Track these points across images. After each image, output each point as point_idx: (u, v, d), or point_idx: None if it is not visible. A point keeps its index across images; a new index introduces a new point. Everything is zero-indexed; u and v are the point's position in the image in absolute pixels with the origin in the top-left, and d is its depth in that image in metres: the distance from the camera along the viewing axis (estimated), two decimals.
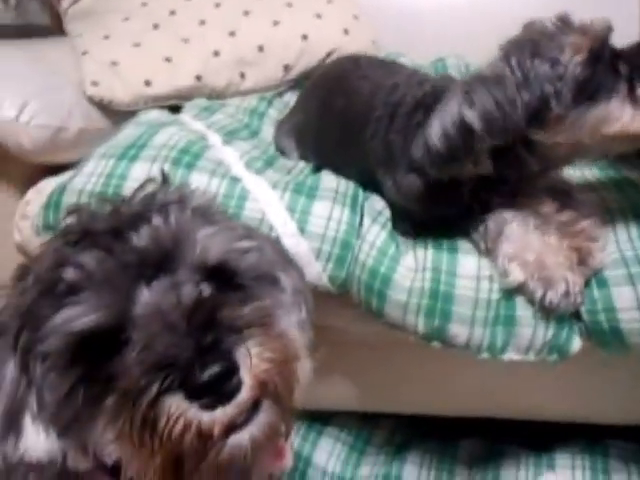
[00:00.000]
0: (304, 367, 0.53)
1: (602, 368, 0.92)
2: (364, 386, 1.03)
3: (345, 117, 0.99)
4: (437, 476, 1.04)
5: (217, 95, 1.27)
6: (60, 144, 1.08)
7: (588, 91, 0.73)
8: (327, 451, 1.08)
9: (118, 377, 0.47)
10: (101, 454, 0.50)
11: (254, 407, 0.47)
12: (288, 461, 0.68)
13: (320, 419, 1.12)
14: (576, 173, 0.97)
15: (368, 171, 0.93)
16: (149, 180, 0.59)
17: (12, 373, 0.50)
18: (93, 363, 0.48)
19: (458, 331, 0.81)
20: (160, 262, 0.50)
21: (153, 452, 0.45)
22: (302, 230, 0.86)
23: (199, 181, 0.89)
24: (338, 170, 0.98)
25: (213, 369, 0.44)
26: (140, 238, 0.50)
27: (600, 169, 0.97)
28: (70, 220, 0.54)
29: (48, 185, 1.01)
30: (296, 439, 1.08)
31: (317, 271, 0.85)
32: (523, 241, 0.80)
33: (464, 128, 0.74)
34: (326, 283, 0.85)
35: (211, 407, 0.44)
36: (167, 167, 0.90)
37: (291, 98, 1.32)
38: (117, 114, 1.18)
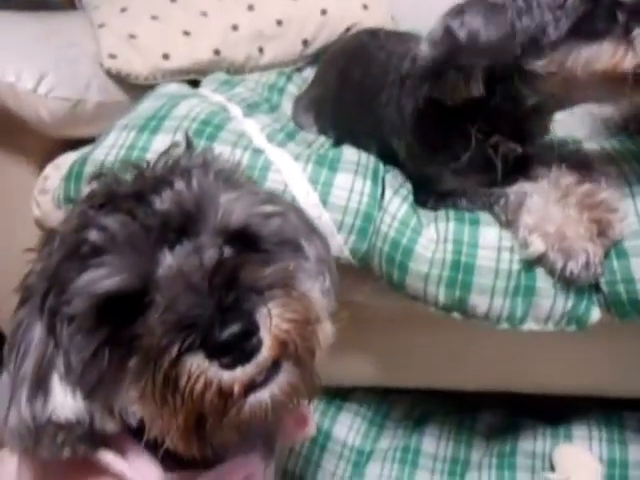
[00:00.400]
0: (325, 330, 0.54)
1: (620, 341, 0.93)
2: (383, 362, 1.05)
3: (362, 86, 1.00)
4: (455, 448, 1.07)
5: (235, 70, 1.27)
6: (79, 117, 1.09)
7: (585, 27, 0.73)
8: (347, 425, 1.11)
9: (141, 338, 0.48)
10: (126, 415, 0.52)
11: (274, 367, 0.48)
12: (312, 429, 0.69)
13: (339, 395, 1.14)
14: (595, 146, 0.98)
15: (385, 141, 0.94)
16: (173, 145, 0.59)
17: (39, 335, 0.52)
18: (118, 325, 0.49)
19: (478, 302, 0.82)
20: (183, 226, 0.51)
21: (175, 410, 0.47)
22: (324, 202, 0.88)
23: (222, 152, 0.90)
24: (357, 143, 0.99)
25: (233, 328, 0.45)
26: (163, 202, 0.51)
27: (619, 142, 0.98)
28: (94, 185, 0.56)
29: (67, 160, 1.02)
30: (316, 414, 1.10)
31: (339, 243, 0.86)
32: (544, 213, 0.81)
33: (450, 38, 0.75)
34: (348, 256, 0.87)
35: (231, 366, 0.46)
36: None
37: (310, 74, 1.32)
38: (135, 88, 1.18)
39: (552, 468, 0.97)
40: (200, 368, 0.45)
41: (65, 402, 0.51)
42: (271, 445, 0.65)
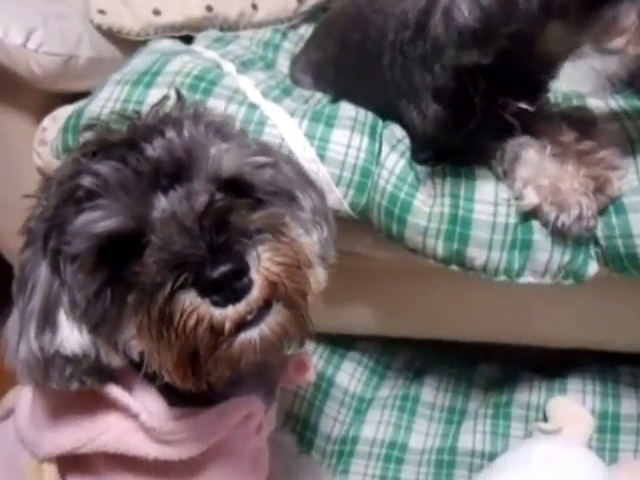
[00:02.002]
0: (317, 276, 0.56)
1: (616, 295, 0.95)
2: (384, 311, 1.07)
3: (362, 50, 1.00)
4: (453, 398, 1.10)
5: (229, 26, 1.25)
6: (72, 72, 1.09)
7: None
8: (349, 373, 1.14)
9: (139, 276, 0.51)
10: (129, 351, 0.55)
11: (265, 308, 0.50)
12: (311, 375, 0.71)
13: (342, 344, 1.17)
14: (599, 102, 0.98)
15: (389, 104, 0.93)
16: (165, 98, 0.61)
17: (45, 274, 0.54)
18: (118, 265, 0.52)
19: (476, 254, 0.84)
20: (174, 173, 0.53)
21: (170, 344, 0.49)
22: (321, 157, 0.88)
23: (216, 107, 0.90)
24: (358, 106, 0.98)
25: (224, 268, 0.47)
26: (154, 149, 0.53)
27: (623, 98, 0.98)
28: (88, 135, 0.58)
29: (64, 112, 1.03)
30: (319, 362, 1.13)
31: (338, 197, 0.87)
32: (539, 166, 0.82)
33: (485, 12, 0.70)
34: (347, 209, 0.88)
35: (223, 304, 0.48)
36: (183, 94, 0.91)
37: (306, 30, 1.31)
38: (128, 44, 1.17)
39: (545, 419, 1.00)
40: (193, 305, 0.48)
41: (71, 336, 0.54)
42: (272, 389, 0.68)
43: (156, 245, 0.50)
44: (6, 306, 0.57)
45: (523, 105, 0.82)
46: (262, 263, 0.49)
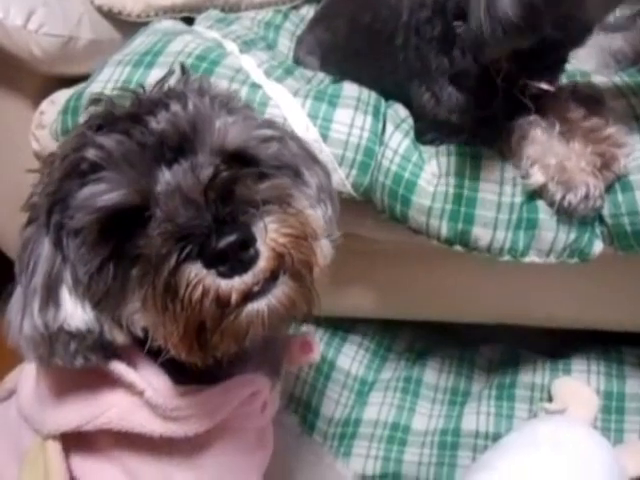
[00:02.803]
0: (323, 248, 0.55)
1: (620, 275, 0.95)
2: (386, 294, 1.06)
3: (373, 30, 0.98)
4: (456, 380, 1.10)
5: (230, 7, 1.23)
6: (71, 55, 1.07)
7: None
8: (350, 356, 1.13)
9: (143, 249, 0.50)
10: (133, 327, 0.54)
11: (272, 279, 0.49)
12: (316, 355, 0.71)
13: (343, 326, 1.16)
14: (605, 79, 0.96)
15: (399, 86, 0.92)
16: (169, 73, 0.60)
17: (47, 250, 0.54)
18: (121, 239, 0.51)
19: (481, 234, 0.83)
20: (179, 146, 0.52)
21: (175, 317, 0.48)
22: (324, 137, 0.87)
23: (220, 83, 0.89)
24: (365, 86, 0.96)
25: (230, 238, 0.46)
26: (159, 122, 0.53)
27: (628, 75, 0.97)
28: (93, 109, 0.57)
29: (62, 96, 1.01)
30: (321, 344, 1.13)
31: (340, 177, 0.86)
32: (546, 145, 0.81)
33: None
34: (350, 190, 0.87)
35: (229, 275, 0.47)
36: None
37: (308, 12, 1.29)
38: (129, 26, 1.15)
39: (550, 399, 1.00)
40: (198, 276, 0.47)
41: (75, 312, 0.54)
42: (277, 368, 0.67)
43: (160, 218, 0.49)
44: (6, 288, 0.56)
45: (544, 86, 0.81)
46: (269, 234, 0.48)
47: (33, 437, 0.61)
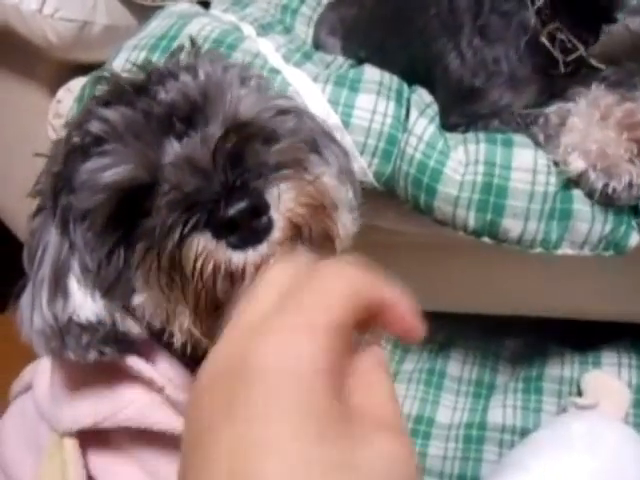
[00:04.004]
0: (344, 220, 0.48)
1: None
2: (408, 285, 0.99)
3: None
4: (480, 372, 1.03)
5: None
6: (87, 40, 1.02)
7: None
8: None
9: (148, 224, 0.44)
10: (148, 317, 0.47)
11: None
12: None
13: None
14: (633, 65, 0.88)
15: (427, 48, 0.85)
16: (179, 48, 0.54)
17: (54, 238, 0.48)
18: (131, 222, 0.45)
19: (511, 225, 0.76)
20: (189, 117, 0.46)
21: (184, 296, 0.42)
22: (346, 124, 0.80)
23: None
24: (388, 60, 0.89)
25: (240, 205, 0.40)
26: (167, 92, 0.46)
27: None
28: (100, 87, 0.51)
29: (78, 84, 0.96)
30: None
31: (362, 166, 0.79)
32: (585, 132, 0.73)
33: None
34: (371, 179, 0.80)
35: (241, 247, 0.41)
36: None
37: None
38: (144, 11, 1.09)
39: (579, 393, 0.93)
40: (207, 248, 0.41)
41: (84, 303, 0.48)
42: None
43: (167, 188, 0.43)
44: (17, 281, 0.51)
45: (575, 41, 0.73)
46: (283, 202, 0.42)
47: (50, 433, 0.56)
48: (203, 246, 0.40)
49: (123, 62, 0.86)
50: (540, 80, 0.77)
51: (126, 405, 0.53)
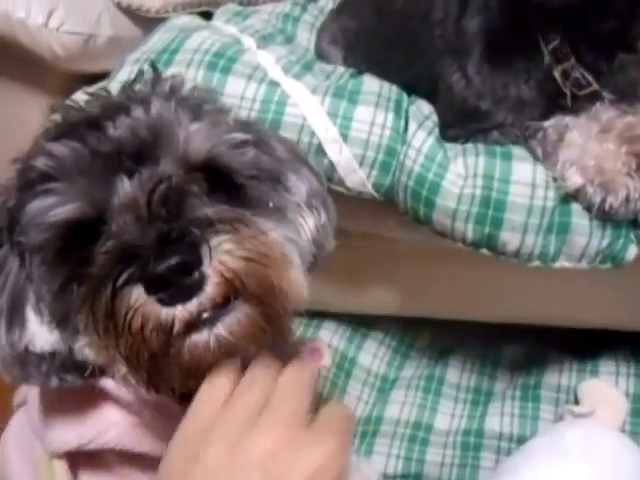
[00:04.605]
0: (293, 277, 0.46)
1: None
2: (408, 292, 0.98)
3: (406, 12, 0.88)
4: (478, 379, 1.01)
5: (248, 1, 1.15)
6: (91, 52, 1.02)
7: None
8: (372, 353, 1.06)
9: (90, 270, 0.43)
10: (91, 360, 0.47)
11: (225, 306, 0.41)
12: (326, 359, 0.64)
13: (364, 323, 1.08)
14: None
15: (429, 68, 0.83)
16: (139, 74, 0.52)
17: (14, 268, 0.48)
18: (83, 257, 0.44)
19: (509, 239, 0.74)
20: (139, 154, 0.44)
21: (118, 345, 0.41)
22: (344, 136, 0.78)
23: (236, 85, 0.81)
24: (389, 75, 0.87)
25: (170, 261, 0.38)
26: (117, 128, 0.45)
27: None
28: (54, 117, 0.49)
29: (83, 95, 0.94)
30: (341, 341, 1.05)
31: (361, 178, 0.78)
32: (583, 147, 0.71)
33: None
34: (370, 190, 0.78)
35: (170, 302, 0.39)
36: (202, 72, 0.82)
37: (326, 3, 1.18)
38: (148, 22, 1.07)
39: (576, 402, 0.91)
40: (139, 301, 0.39)
41: (40, 333, 0.47)
42: None
43: (109, 234, 0.42)
44: None
45: (589, 77, 0.71)
46: (218, 256, 0.40)
47: (42, 452, 0.55)
48: (135, 299, 0.39)
49: (126, 76, 0.85)
50: (547, 104, 0.75)
51: (109, 427, 0.52)
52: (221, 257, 0.40)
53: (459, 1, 0.78)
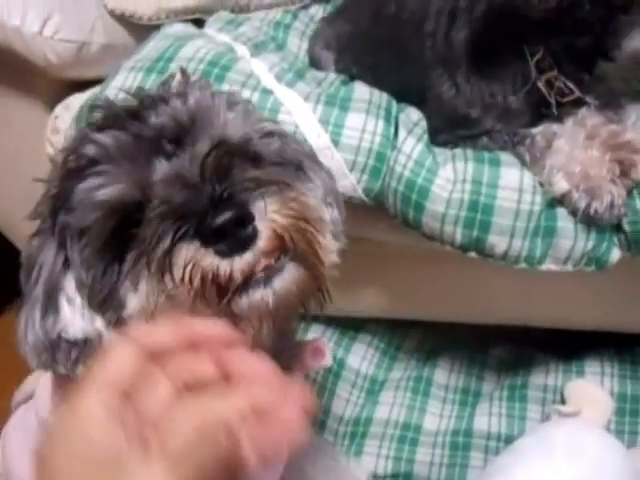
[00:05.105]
0: (328, 241, 0.48)
1: (634, 277, 0.85)
2: (396, 294, 0.98)
3: (400, 20, 0.88)
4: (466, 380, 1.01)
5: (240, 8, 1.14)
6: (85, 59, 1.00)
7: None
8: (360, 355, 1.05)
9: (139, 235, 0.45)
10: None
11: (277, 268, 0.43)
12: (327, 359, 0.64)
13: (352, 326, 1.08)
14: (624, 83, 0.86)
15: (419, 74, 0.83)
16: (171, 76, 0.55)
17: (51, 256, 0.49)
18: (125, 240, 0.46)
19: (497, 242, 0.74)
20: (178, 138, 0.47)
21: (172, 303, 0.43)
22: (336, 142, 0.78)
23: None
24: (380, 82, 0.88)
25: (226, 215, 0.41)
26: (158, 116, 0.48)
27: None
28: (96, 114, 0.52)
29: (76, 101, 0.95)
30: (330, 344, 1.05)
31: (351, 183, 0.78)
32: (570, 154, 0.72)
33: None
34: (361, 195, 0.78)
35: (227, 254, 0.42)
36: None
37: (317, 11, 1.19)
38: (141, 30, 1.07)
39: (563, 401, 0.92)
40: (195, 256, 0.41)
41: (73, 320, 0.49)
42: (288, 375, 0.60)
43: (157, 202, 0.44)
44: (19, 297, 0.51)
45: (572, 86, 0.72)
46: (268, 213, 0.43)
47: None
48: (192, 254, 0.41)
49: (121, 83, 0.85)
50: (533, 112, 0.76)
51: None
52: (271, 214, 0.43)
53: (449, 14, 0.78)
